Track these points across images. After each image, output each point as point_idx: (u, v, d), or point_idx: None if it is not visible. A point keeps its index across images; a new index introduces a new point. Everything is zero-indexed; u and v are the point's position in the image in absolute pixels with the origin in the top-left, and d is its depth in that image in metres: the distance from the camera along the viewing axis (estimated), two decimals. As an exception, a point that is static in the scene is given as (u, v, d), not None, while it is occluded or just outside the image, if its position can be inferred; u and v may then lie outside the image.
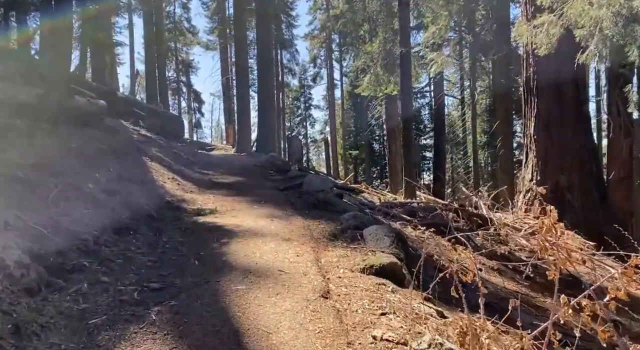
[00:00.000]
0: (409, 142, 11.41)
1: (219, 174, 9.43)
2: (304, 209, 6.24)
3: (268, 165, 10.86)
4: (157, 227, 4.42)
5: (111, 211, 4.28)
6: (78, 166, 5.03)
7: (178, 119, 15.24)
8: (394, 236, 4.49)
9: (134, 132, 10.12)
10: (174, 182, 6.91)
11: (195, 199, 6.27)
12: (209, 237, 4.30)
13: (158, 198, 5.60)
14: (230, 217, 5.29)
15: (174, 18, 34.40)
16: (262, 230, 4.64)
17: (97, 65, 13.73)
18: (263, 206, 6.16)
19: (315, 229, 5.02)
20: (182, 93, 37.58)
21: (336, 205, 6.43)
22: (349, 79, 38.10)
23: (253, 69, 31.82)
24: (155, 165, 7.53)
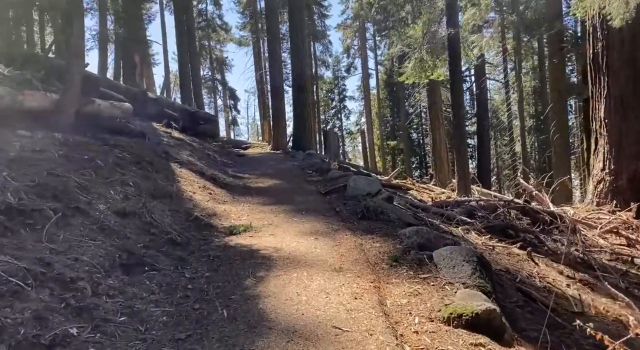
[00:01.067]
0: (461, 131, 10.23)
1: (255, 176, 8.62)
2: (352, 219, 5.29)
3: (306, 165, 9.97)
4: (180, 257, 3.59)
5: (123, 241, 3.48)
6: (89, 182, 4.27)
7: (212, 118, 14.57)
8: (475, 262, 3.48)
9: (165, 136, 9.44)
10: (205, 192, 6.12)
11: (228, 211, 5.44)
12: (242, 268, 3.43)
13: (185, 215, 4.79)
14: (267, 235, 4.42)
15: (206, 15, 34.01)
16: (306, 256, 3.73)
17: (127, 65, 13.21)
18: (304, 217, 5.26)
19: (370, 249, 4.07)
20: (218, 91, 37.27)
21: (389, 213, 5.45)
22: (384, 67, 36.71)
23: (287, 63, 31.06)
24: (185, 172, 6.77)
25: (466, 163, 10.45)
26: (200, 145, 10.53)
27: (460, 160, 10.27)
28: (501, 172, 38.87)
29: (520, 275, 5.14)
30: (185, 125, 13.03)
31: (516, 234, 7.41)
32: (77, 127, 6.10)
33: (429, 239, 4.21)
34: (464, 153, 10.34)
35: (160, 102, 12.24)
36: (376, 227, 4.91)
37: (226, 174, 8.41)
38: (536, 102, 32.21)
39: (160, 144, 8.19)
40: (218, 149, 11.84)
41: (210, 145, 12.14)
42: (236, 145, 18.97)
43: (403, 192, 10.17)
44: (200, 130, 13.89)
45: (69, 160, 4.63)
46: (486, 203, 8.93)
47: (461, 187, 10.30)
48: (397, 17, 10.60)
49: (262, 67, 28.25)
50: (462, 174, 10.31)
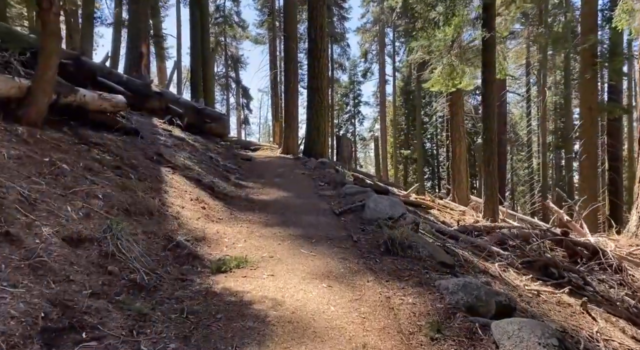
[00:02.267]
0: (492, 147, 9.12)
1: (260, 185, 7.58)
2: (373, 253, 4.22)
3: (318, 175, 8.91)
4: (140, 313, 2.55)
5: (62, 286, 2.45)
6: (40, 194, 3.25)
7: (221, 116, 13.58)
8: (556, 347, 2.41)
9: (164, 134, 8.45)
10: (197, 206, 5.08)
11: (221, 234, 4.39)
12: (224, 338, 2.38)
13: (164, 240, 3.76)
14: (266, 275, 3.37)
15: (224, 11, 33.18)
16: (316, 319, 2.68)
17: (133, 55, 12.28)
18: (314, 247, 4.20)
19: (401, 307, 3.01)
20: (231, 89, 36.41)
21: (419, 248, 4.37)
22: (402, 74, 35.63)
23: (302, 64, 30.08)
24: (177, 180, 5.75)
25: (495, 183, 9.33)
26: (203, 146, 9.52)
27: (489, 179, 9.16)
28: (516, 188, 37.59)
29: (580, 338, 4.03)
30: (190, 122, 12.06)
31: (559, 273, 6.29)
32: (51, 120, 5.11)
33: (479, 297, 3.14)
34: (494, 171, 9.23)
35: (164, 97, 11.27)
36: (405, 269, 3.83)
37: (228, 181, 7.38)
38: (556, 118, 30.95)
39: (155, 143, 7.19)
40: (223, 151, 10.83)
41: (216, 146, 11.14)
42: (245, 146, 17.98)
43: (423, 211, 9.08)
44: (207, 129, 12.90)
45: (22, 163, 3.62)
46: (519, 231, 7.81)
47: (488, 209, 9.19)
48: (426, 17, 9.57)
49: (277, 67, 27.28)
50: (490, 195, 9.19)
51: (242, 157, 11.05)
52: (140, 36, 12.22)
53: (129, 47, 12.39)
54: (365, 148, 45.85)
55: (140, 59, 12.31)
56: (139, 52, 12.27)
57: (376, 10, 32.89)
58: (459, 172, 16.02)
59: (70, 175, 3.88)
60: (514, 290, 4.80)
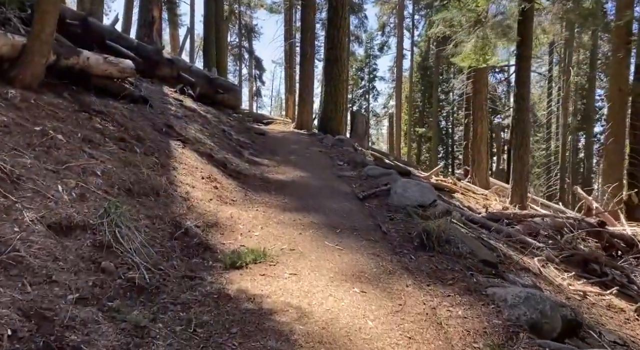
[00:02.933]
0: (524, 128, 8.45)
1: (275, 163, 7.04)
2: (406, 248, 3.70)
3: (336, 153, 8.34)
4: (137, 325, 2.05)
5: (40, 290, 1.96)
6: (27, 170, 2.74)
7: (234, 87, 12.96)
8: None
9: (174, 103, 7.88)
10: (209, 185, 4.56)
11: (234, 220, 3.88)
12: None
13: (171, 226, 3.26)
14: (287, 274, 2.87)
15: (238, -22, 31.96)
16: (353, 341, 2.18)
17: (144, 19, 11.59)
18: (340, 239, 3.69)
19: (451, 324, 2.49)
20: (244, 59, 35.52)
21: (457, 243, 3.84)
22: (420, 49, 34.43)
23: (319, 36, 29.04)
24: (187, 155, 5.22)
25: (525, 167, 8.69)
26: (215, 118, 8.96)
27: (518, 163, 8.52)
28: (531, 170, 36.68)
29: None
30: (202, 92, 11.46)
31: (600, 270, 5.75)
32: (50, 84, 4.57)
33: (544, 312, 2.61)
34: (525, 155, 8.58)
35: (176, 64, 10.64)
36: (446, 269, 3.31)
37: (241, 157, 6.85)
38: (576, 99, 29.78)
39: (165, 113, 6.64)
40: (236, 124, 10.26)
41: (228, 118, 10.56)
42: (257, 119, 17.37)
43: (447, 195, 8.51)
44: (219, 100, 12.31)
45: (8, 131, 3.10)
46: (552, 221, 7.23)
47: (516, 194, 8.59)
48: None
49: (292, 37, 26.33)
50: (519, 180, 8.58)
51: (256, 131, 10.48)
52: None
53: (141, 11, 11.69)
54: (377, 125, 44.97)
55: (152, 23, 11.62)
56: (151, 16, 11.58)
57: (397, -19, 31.48)
58: (479, 153, 15.32)
59: (65, 147, 3.35)
60: (559, 292, 4.27)
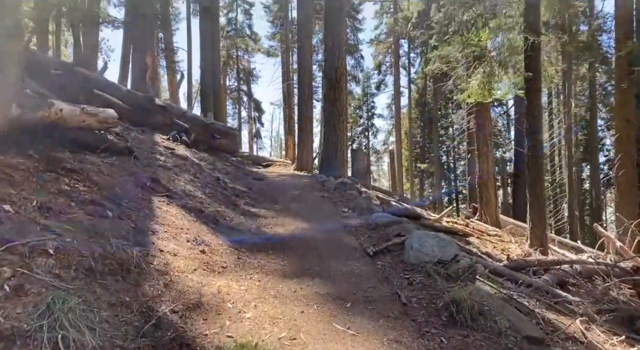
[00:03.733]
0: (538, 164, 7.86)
1: (274, 213, 6.39)
2: (434, 326, 3.00)
3: (340, 198, 7.71)
4: None
5: None
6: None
7: (231, 131, 12.51)
8: None
9: (165, 152, 7.33)
10: (194, 250, 3.90)
11: (223, 296, 3.19)
12: None
13: (139, 316, 2.58)
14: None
15: (236, 24, 32.50)
16: None
17: (137, 67, 11.27)
18: (352, 319, 2.99)
19: None
20: (243, 102, 35.56)
21: (494, 316, 3.14)
22: (416, 86, 34.53)
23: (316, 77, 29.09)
24: (173, 212, 4.60)
25: (544, 207, 8.04)
26: (210, 166, 8.40)
27: (535, 202, 7.87)
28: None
29: None
30: (198, 138, 10.98)
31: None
32: (13, 141, 4.00)
33: None
34: (541, 193, 7.95)
35: (169, 111, 10.21)
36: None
37: (236, 208, 6.21)
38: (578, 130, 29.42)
39: (152, 165, 6.06)
40: (232, 170, 9.70)
41: (225, 164, 10.02)
42: (257, 162, 16.89)
43: (462, 240, 7.80)
44: (216, 145, 11.82)
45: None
46: (583, 267, 6.49)
47: (535, 237, 7.88)
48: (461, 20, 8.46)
49: (289, 78, 26.32)
50: (538, 221, 7.89)
51: (254, 176, 9.90)
52: (145, 46, 11.25)
53: (133, 58, 11.40)
54: (378, 161, 44.60)
55: (144, 70, 11.31)
56: (144, 63, 11.29)
57: (390, 21, 31.92)
58: (487, 190, 14.68)
59: (11, 221, 2.73)
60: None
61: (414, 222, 7.83)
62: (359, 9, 30.43)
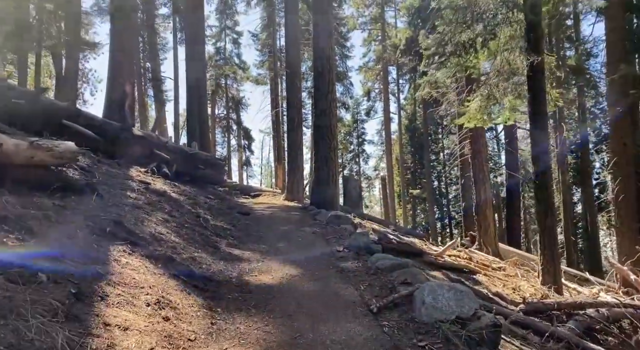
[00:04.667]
0: (547, 193, 7.19)
1: (259, 255, 5.58)
2: None
3: (333, 234, 6.92)
4: None
5: None
6: None
7: (215, 161, 11.77)
8: None
9: (138, 189, 6.53)
10: (154, 318, 3.07)
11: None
12: None
13: None
14: None
15: (224, 53, 32.22)
16: None
17: (115, 95, 10.55)
18: None
19: None
20: (232, 130, 34.97)
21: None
22: (406, 112, 34.30)
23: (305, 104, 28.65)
24: (134, 264, 3.77)
25: (556, 240, 7.31)
26: (190, 201, 7.59)
27: (547, 235, 7.15)
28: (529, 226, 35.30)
29: None
30: (180, 170, 10.22)
31: None
32: None
33: None
34: (553, 225, 7.24)
35: (148, 141, 9.47)
36: None
37: (216, 251, 5.39)
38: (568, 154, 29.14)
39: (119, 204, 5.25)
40: (216, 203, 8.90)
41: (208, 197, 9.22)
42: (245, 192, 16.08)
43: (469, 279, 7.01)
44: (199, 176, 11.05)
45: None
46: (610, 311, 5.72)
47: (548, 274, 7.12)
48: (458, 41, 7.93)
49: (278, 105, 25.82)
50: (549, 256, 7.15)
51: (240, 209, 9.09)
52: (123, 73, 10.57)
53: (110, 87, 10.70)
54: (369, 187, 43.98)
55: (123, 99, 10.60)
56: (122, 91, 10.59)
57: (378, 48, 31.89)
58: (485, 218, 14.00)
59: None
60: None
61: (416, 260, 7.05)
62: (347, 36, 30.38)
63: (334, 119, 10.95)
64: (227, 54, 32.09)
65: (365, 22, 32.39)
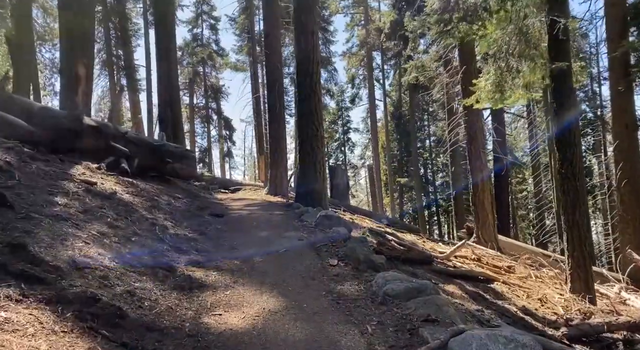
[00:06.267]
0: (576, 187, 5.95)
1: (229, 278, 4.19)
2: None
3: (324, 240, 5.57)
4: None
5: None
6: None
7: (186, 154, 10.26)
8: None
9: (76, 191, 5.06)
10: None
11: None
12: None
13: None
14: None
15: (202, 40, 30.34)
16: None
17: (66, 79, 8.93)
18: None
19: None
20: (212, 121, 33.21)
21: None
22: (391, 99, 32.99)
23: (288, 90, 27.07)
24: (22, 319, 2.36)
25: (586, 238, 6.08)
26: (147, 203, 6.13)
27: (575, 232, 5.93)
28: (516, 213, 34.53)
29: None
30: (144, 164, 8.74)
31: None
32: None
33: None
34: (582, 221, 6.02)
35: (103, 132, 7.92)
36: None
37: (168, 278, 3.96)
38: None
39: (32, 217, 3.78)
40: (184, 204, 7.45)
41: (175, 196, 7.76)
42: (224, 186, 14.61)
43: (490, 292, 5.75)
44: (168, 171, 9.56)
45: None
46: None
47: (578, 280, 5.91)
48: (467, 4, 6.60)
49: (259, 92, 24.20)
50: (580, 258, 5.92)
51: (212, 210, 7.65)
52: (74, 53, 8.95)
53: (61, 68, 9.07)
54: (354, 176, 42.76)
55: (76, 83, 8.98)
56: (74, 74, 8.96)
57: (362, 33, 30.39)
58: (483, 209, 12.82)
59: None
60: None
61: (424, 268, 5.76)
62: (329, 20, 28.76)
63: (319, 104, 9.53)
64: (205, 40, 30.23)
65: (348, 5, 30.84)
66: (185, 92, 30.90)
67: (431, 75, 23.54)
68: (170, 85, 14.51)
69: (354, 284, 4.10)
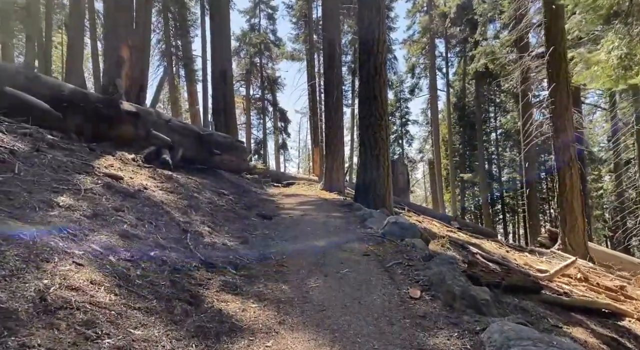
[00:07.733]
0: None
1: (271, 317, 2.99)
2: None
3: (396, 258, 4.22)
4: None
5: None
6: None
7: (235, 144, 9.24)
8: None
9: (93, 186, 4.06)
10: None
11: None
12: None
13: None
14: None
15: (259, 30, 29.63)
16: None
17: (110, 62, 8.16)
18: None
19: None
20: (268, 112, 32.56)
21: None
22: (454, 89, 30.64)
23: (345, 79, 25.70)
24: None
25: None
26: (182, 201, 5.08)
27: None
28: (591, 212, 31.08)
29: None
30: (189, 156, 7.82)
31: None
32: None
33: None
34: None
35: (143, 119, 7.02)
36: None
37: (189, 314, 2.81)
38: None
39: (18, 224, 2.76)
40: (229, 201, 6.37)
41: (219, 191, 6.72)
42: (276, 179, 13.58)
43: (625, 336, 4.16)
44: (216, 163, 8.60)
45: None
46: None
47: None
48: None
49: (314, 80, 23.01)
50: None
51: (260, 210, 6.53)
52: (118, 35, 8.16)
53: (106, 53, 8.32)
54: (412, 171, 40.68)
55: (119, 66, 8.20)
56: (118, 56, 8.18)
57: (424, 19, 28.30)
58: (572, 211, 10.84)
59: None
60: None
61: (531, 298, 4.26)
62: (390, 6, 26.94)
63: (384, 88, 8.12)
64: (262, 30, 29.49)
65: (410, -10, 28.83)
66: (242, 83, 30.42)
67: (502, 63, 21.22)
68: (224, 75, 13.63)
69: (453, 335, 2.74)
